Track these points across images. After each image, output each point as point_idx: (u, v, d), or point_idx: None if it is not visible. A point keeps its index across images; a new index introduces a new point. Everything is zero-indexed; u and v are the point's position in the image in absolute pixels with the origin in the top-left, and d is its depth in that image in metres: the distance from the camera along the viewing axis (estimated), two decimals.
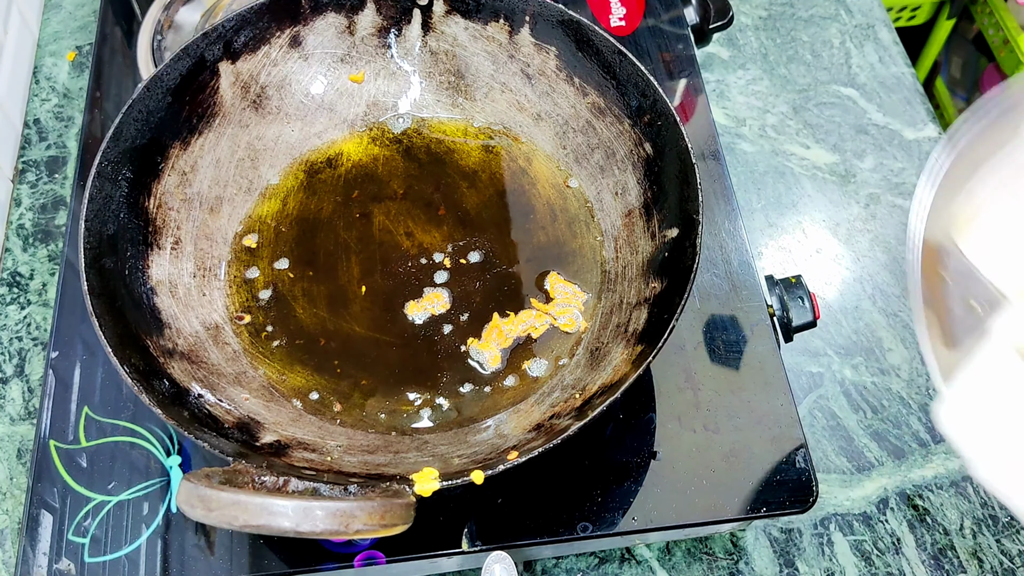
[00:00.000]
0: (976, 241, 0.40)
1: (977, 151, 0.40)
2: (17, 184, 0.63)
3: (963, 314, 0.39)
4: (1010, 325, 0.39)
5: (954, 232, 0.39)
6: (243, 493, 0.34)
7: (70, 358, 0.51)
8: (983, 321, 0.39)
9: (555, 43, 0.54)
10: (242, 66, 0.53)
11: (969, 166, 0.40)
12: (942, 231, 0.39)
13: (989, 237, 0.40)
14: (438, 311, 0.51)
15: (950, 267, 0.39)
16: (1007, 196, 0.40)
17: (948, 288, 0.39)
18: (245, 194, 0.54)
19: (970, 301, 0.39)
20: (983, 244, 0.40)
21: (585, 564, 0.51)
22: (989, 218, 0.40)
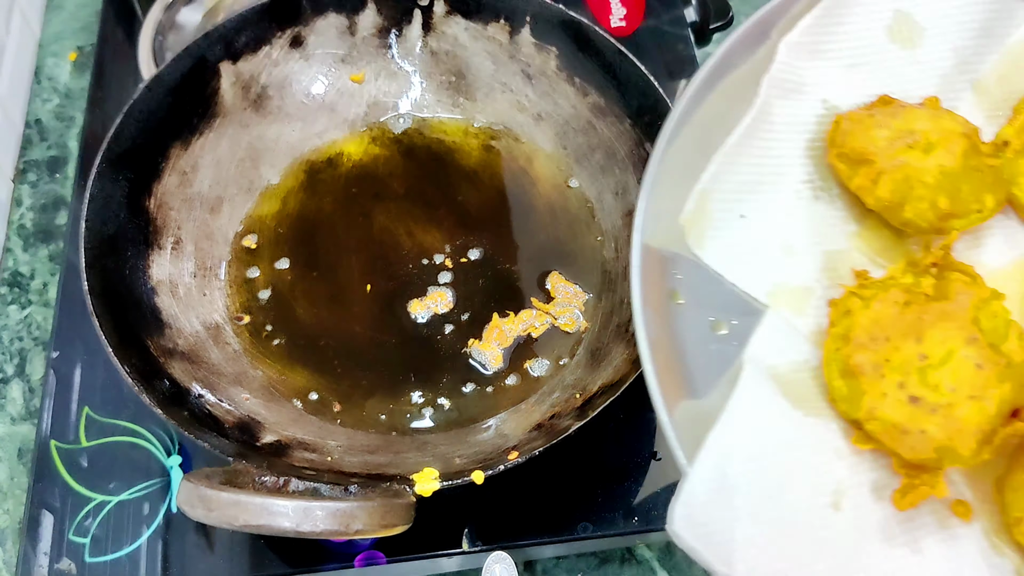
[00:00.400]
0: (720, 245, 0.35)
1: (701, 136, 0.36)
2: (18, 184, 0.64)
3: (706, 344, 0.34)
4: (769, 343, 0.34)
5: (692, 240, 0.34)
6: (243, 493, 0.34)
7: (71, 358, 0.51)
8: (734, 347, 0.33)
9: (556, 43, 0.54)
10: (243, 66, 0.53)
11: (703, 147, 0.35)
12: (674, 239, 0.34)
13: (736, 236, 0.35)
14: (441, 310, 0.51)
15: (687, 285, 0.34)
16: (751, 181, 0.36)
17: (683, 312, 0.34)
18: (246, 194, 0.54)
19: (715, 321, 0.34)
20: (729, 246, 0.35)
21: (586, 564, 0.51)
22: (732, 214, 0.35)
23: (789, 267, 0.35)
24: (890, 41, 0.38)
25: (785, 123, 0.37)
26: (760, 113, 0.36)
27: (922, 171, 0.34)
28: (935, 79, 0.39)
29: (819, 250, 0.36)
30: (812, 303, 0.35)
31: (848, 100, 0.38)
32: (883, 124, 0.36)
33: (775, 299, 0.35)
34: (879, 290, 0.33)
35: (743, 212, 0.35)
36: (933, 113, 0.36)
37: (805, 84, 0.38)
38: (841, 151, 0.36)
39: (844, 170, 0.36)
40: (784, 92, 0.37)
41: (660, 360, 0.32)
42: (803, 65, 0.37)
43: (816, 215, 0.37)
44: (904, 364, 0.30)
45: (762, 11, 0.37)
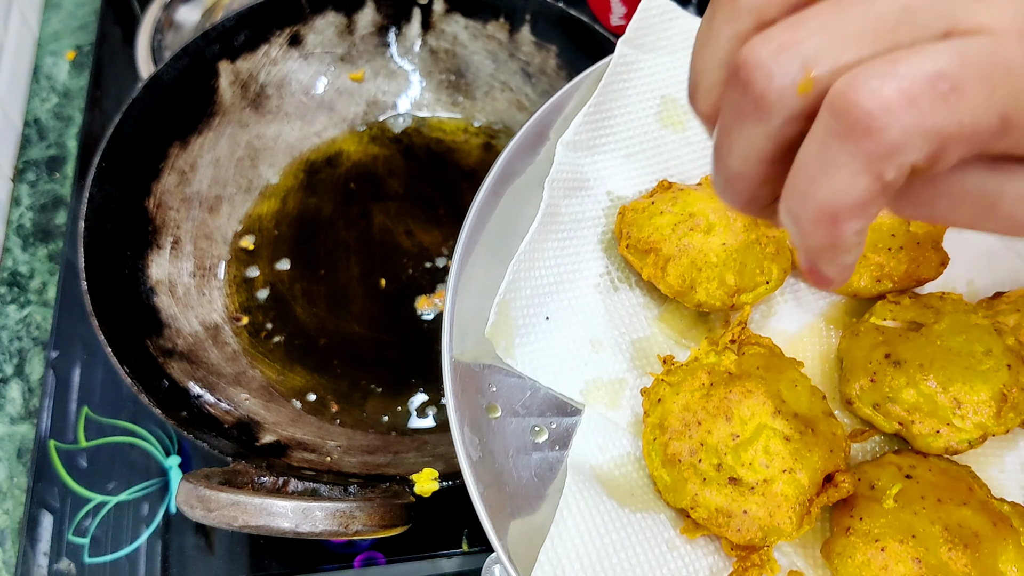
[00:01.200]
0: (530, 350, 0.35)
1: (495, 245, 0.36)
2: (17, 183, 0.63)
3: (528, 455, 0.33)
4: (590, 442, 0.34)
5: (501, 351, 0.34)
6: (242, 494, 0.34)
7: (70, 358, 0.51)
8: (556, 452, 0.33)
9: (555, 42, 0.54)
10: (241, 65, 0.53)
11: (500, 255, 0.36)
12: (484, 353, 0.34)
13: (544, 339, 0.35)
14: (443, 309, 0.51)
15: (503, 395, 0.34)
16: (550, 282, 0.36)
17: (502, 426, 0.33)
18: (245, 193, 0.54)
19: (535, 427, 0.34)
20: (538, 350, 0.35)
21: None
22: (537, 317, 0.35)
23: (599, 362, 0.36)
24: (661, 127, 0.39)
25: (574, 220, 0.38)
26: (547, 215, 0.36)
27: (706, 252, 0.35)
28: (709, 157, 0.39)
29: (627, 340, 0.36)
30: (626, 395, 0.35)
31: (631, 188, 0.39)
32: (664, 211, 0.36)
33: (590, 396, 0.35)
34: (686, 374, 0.33)
35: (547, 314, 0.36)
36: (711, 194, 0.37)
37: (588, 179, 0.38)
38: (629, 242, 0.37)
39: (635, 261, 0.37)
40: (568, 191, 0.38)
41: (485, 481, 0.31)
42: (583, 162, 0.38)
43: (618, 306, 0.37)
44: (718, 446, 0.31)
45: (537, 115, 0.38)
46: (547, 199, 0.36)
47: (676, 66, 0.40)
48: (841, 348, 0.36)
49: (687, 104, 0.37)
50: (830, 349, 0.37)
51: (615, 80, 0.39)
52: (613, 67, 0.39)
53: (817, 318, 0.38)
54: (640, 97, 0.39)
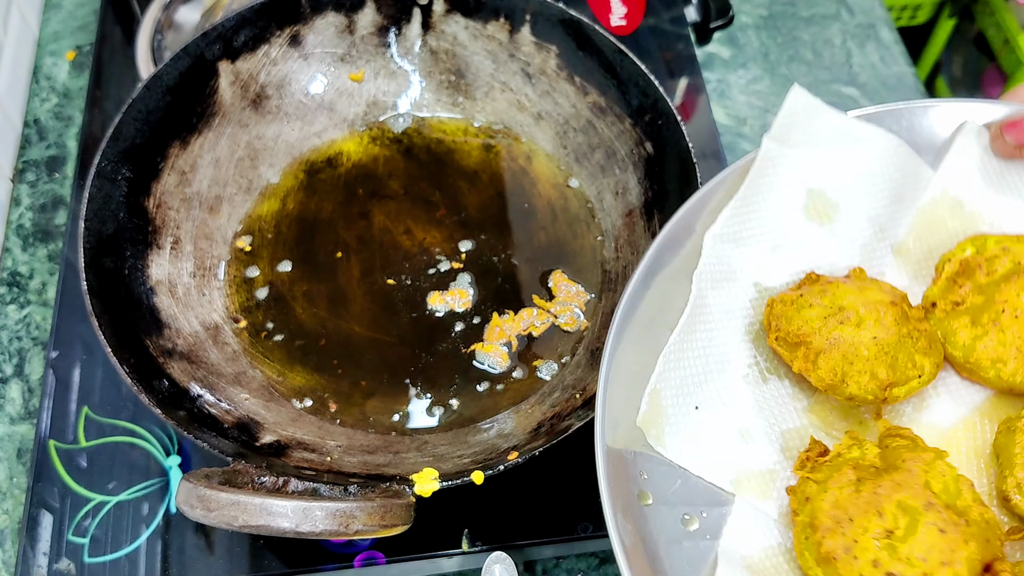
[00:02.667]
0: (680, 439, 0.35)
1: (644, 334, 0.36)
2: (17, 184, 0.63)
3: (680, 543, 0.33)
4: (741, 532, 0.34)
5: (652, 439, 0.35)
6: (243, 493, 0.34)
7: (70, 358, 0.51)
8: (707, 541, 0.33)
9: (556, 42, 0.54)
10: (242, 65, 0.53)
11: (650, 345, 0.36)
12: (634, 441, 0.35)
13: (694, 428, 0.36)
14: (459, 308, 0.51)
15: (653, 483, 0.34)
16: (699, 373, 0.37)
17: (654, 513, 0.34)
18: (245, 194, 0.54)
19: (686, 516, 0.34)
20: (688, 439, 0.35)
21: (586, 564, 0.51)
22: (686, 407, 0.36)
23: (749, 453, 0.36)
24: (807, 220, 0.40)
25: (722, 311, 0.38)
26: (696, 307, 0.37)
27: (857, 346, 0.35)
28: (857, 249, 0.40)
29: (776, 431, 0.37)
30: (777, 486, 0.36)
31: (778, 280, 0.39)
32: (813, 303, 0.37)
33: (740, 487, 0.35)
34: (831, 471, 0.34)
35: (697, 403, 0.36)
36: (860, 285, 0.37)
37: (735, 271, 0.39)
38: (778, 334, 0.37)
39: (784, 353, 0.37)
40: (715, 282, 0.38)
41: (637, 568, 0.31)
42: (730, 253, 0.39)
43: (767, 396, 0.38)
44: (873, 542, 0.31)
45: (684, 208, 0.38)
46: (696, 291, 0.37)
47: (822, 160, 0.40)
48: (997, 443, 0.35)
49: (834, 196, 0.40)
50: (985, 444, 0.37)
51: (761, 174, 0.39)
52: (759, 162, 0.39)
53: (972, 412, 0.37)
54: (786, 190, 0.40)
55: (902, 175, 0.40)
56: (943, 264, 0.39)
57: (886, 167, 0.40)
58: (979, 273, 0.37)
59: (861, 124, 0.39)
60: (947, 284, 0.38)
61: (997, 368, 0.36)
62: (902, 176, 0.40)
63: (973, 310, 0.37)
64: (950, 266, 0.38)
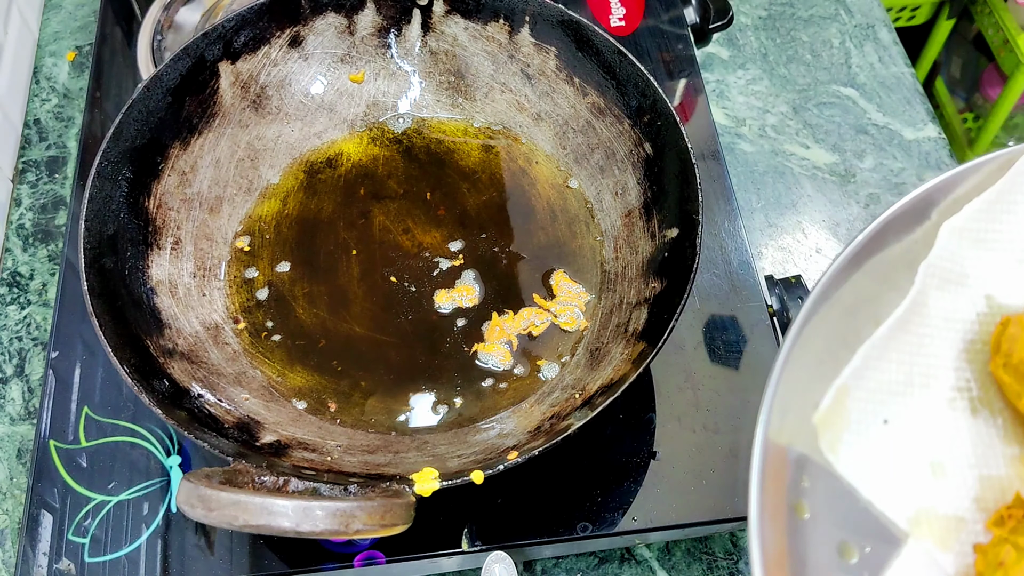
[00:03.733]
0: (857, 453, 0.30)
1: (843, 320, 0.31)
2: (17, 184, 0.63)
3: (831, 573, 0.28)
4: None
5: (825, 443, 0.30)
6: (243, 493, 0.34)
7: (70, 358, 0.51)
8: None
9: (555, 43, 0.54)
10: (242, 66, 0.53)
11: (843, 335, 0.31)
12: (803, 438, 0.30)
13: (877, 445, 0.31)
14: (467, 304, 0.51)
15: (815, 496, 0.29)
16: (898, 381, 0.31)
17: (808, 530, 0.29)
18: (245, 194, 0.54)
19: (844, 544, 0.29)
20: (868, 456, 0.30)
21: (585, 564, 0.51)
22: (874, 417, 0.31)
23: (937, 490, 0.31)
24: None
25: (942, 318, 0.33)
26: (914, 304, 0.32)
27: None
28: None
29: (975, 474, 0.31)
30: (961, 538, 0.30)
31: (1017, 299, 0.34)
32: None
33: (918, 527, 0.30)
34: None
35: (887, 417, 0.31)
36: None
37: (967, 276, 0.33)
38: (1008, 361, 0.31)
39: (1011, 384, 0.31)
40: (943, 282, 0.33)
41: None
42: (967, 255, 0.33)
43: (973, 431, 0.32)
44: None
45: (923, 188, 0.33)
46: (918, 286, 0.32)
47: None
48: None
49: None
50: None
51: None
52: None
53: None
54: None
55: None
56: None
57: None
58: None
59: None
60: None
61: None
62: None
63: None
64: None
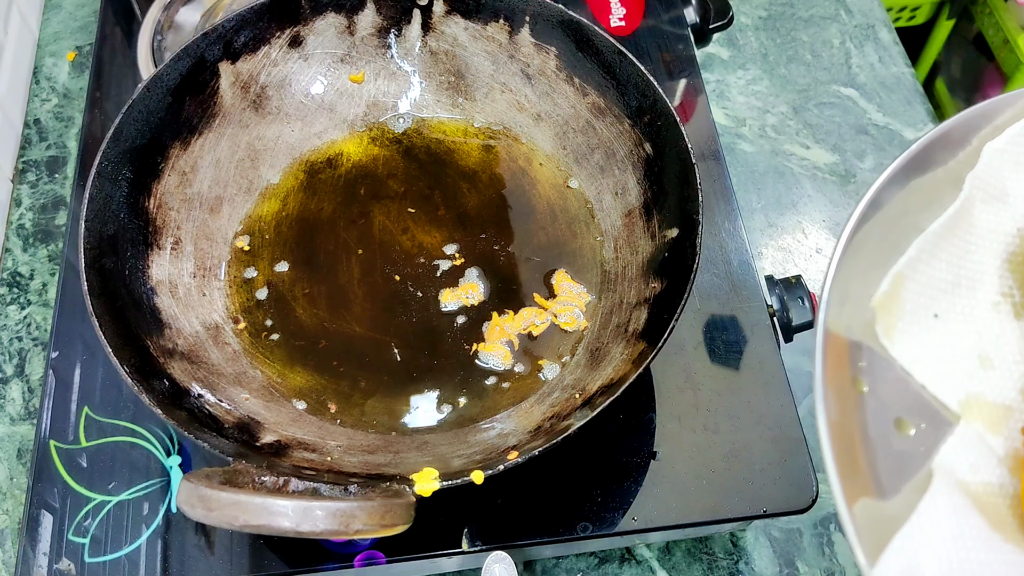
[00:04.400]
0: (911, 340, 0.32)
1: (902, 218, 0.33)
2: (17, 184, 0.63)
3: (890, 443, 0.30)
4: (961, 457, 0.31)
5: (880, 328, 0.32)
6: (243, 493, 0.34)
7: (70, 358, 0.51)
8: (920, 452, 0.31)
9: (555, 43, 0.54)
10: (242, 66, 0.53)
11: (892, 238, 0.33)
12: (859, 326, 0.32)
13: (928, 335, 0.33)
14: (474, 301, 0.51)
15: (872, 375, 0.31)
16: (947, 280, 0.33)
17: (867, 408, 0.31)
18: (245, 194, 0.54)
19: (900, 419, 0.31)
20: (920, 344, 0.32)
21: (585, 564, 0.51)
22: (925, 310, 0.33)
23: (986, 380, 0.33)
24: None
25: (986, 229, 0.35)
26: (962, 209, 0.34)
27: None
28: None
29: (1020, 369, 0.33)
30: (1010, 424, 0.32)
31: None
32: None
33: (969, 411, 0.32)
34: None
35: (937, 311, 0.33)
36: None
37: (1008, 194, 0.35)
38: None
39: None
40: (987, 196, 0.35)
41: (839, 449, 0.29)
42: (1008, 175, 0.35)
43: (1017, 332, 0.34)
44: None
45: (965, 113, 0.35)
46: (966, 193, 0.34)
47: None
48: None
49: None
50: None
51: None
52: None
53: None
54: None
55: None
56: None
57: None
58: None
59: None
60: None
61: None
62: None
63: None
64: None
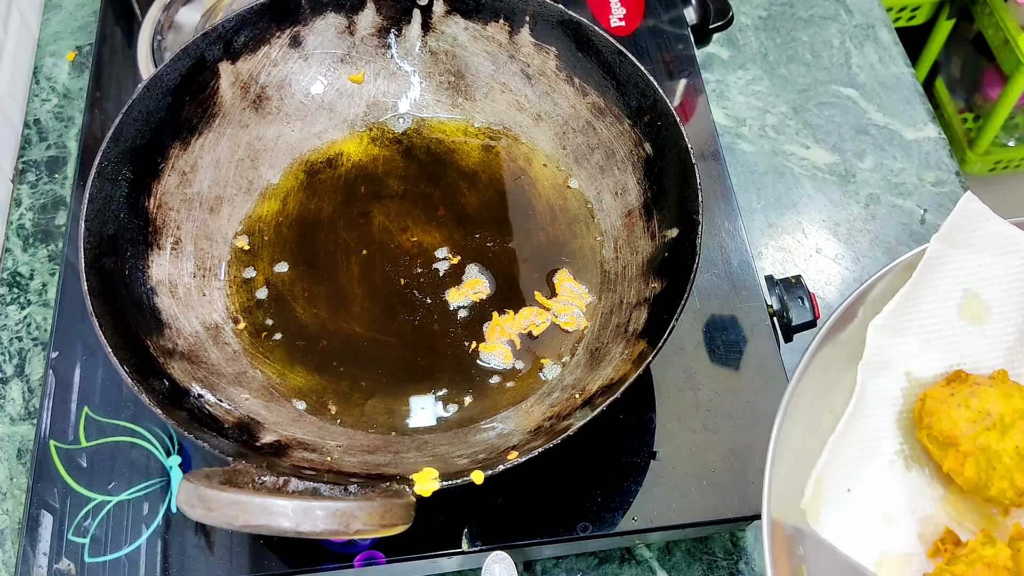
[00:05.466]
0: (833, 517, 0.39)
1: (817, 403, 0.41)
2: (17, 184, 0.63)
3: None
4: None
5: (809, 518, 0.39)
6: (243, 493, 0.34)
7: (70, 358, 0.51)
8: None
9: (555, 43, 0.54)
10: (242, 66, 0.53)
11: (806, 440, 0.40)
12: (792, 515, 0.39)
13: (845, 508, 0.40)
14: (483, 296, 0.51)
15: (810, 560, 0.39)
16: (854, 456, 0.40)
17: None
18: (245, 194, 0.54)
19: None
20: (840, 518, 0.39)
21: (585, 564, 0.51)
22: (840, 488, 0.40)
23: (891, 536, 0.39)
24: (960, 318, 0.43)
25: (877, 399, 0.42)
26: (859, 397, 0.40)
27: (1000, 453, 0.38)
28: (1002, 352, 0.43)
29: (914, 517, 0.40)
30: (912, 568, 0.39)
31: (927, 372, 0.43)
32: (963, 404, 0.39)
33: (882, 568, 0.38)
34: (966, 565, 0.36)
35: (849, 486, 0.40)
36: (1005, 391, 0.40)
37: (891, 360, 0.42)
38: (929, 432, 0.40)
39: (934, 451, 0.40)
40: (875, 371, 0.41)
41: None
42: (888, 343, 0.42)
43: (909, 484, 0.41)
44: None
45: (852, 295, 0.43)
46: (860, 382, 0.40)
47: (982, 263, 0.43)
48: None
49: (987, 299, 0.44)
50: None
51: (926, 271, 0.43)
52: (926, 260, 0.43)
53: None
54: (945, 288, 0.43)
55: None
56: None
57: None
58: None
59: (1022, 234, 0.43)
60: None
61: None
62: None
63: None
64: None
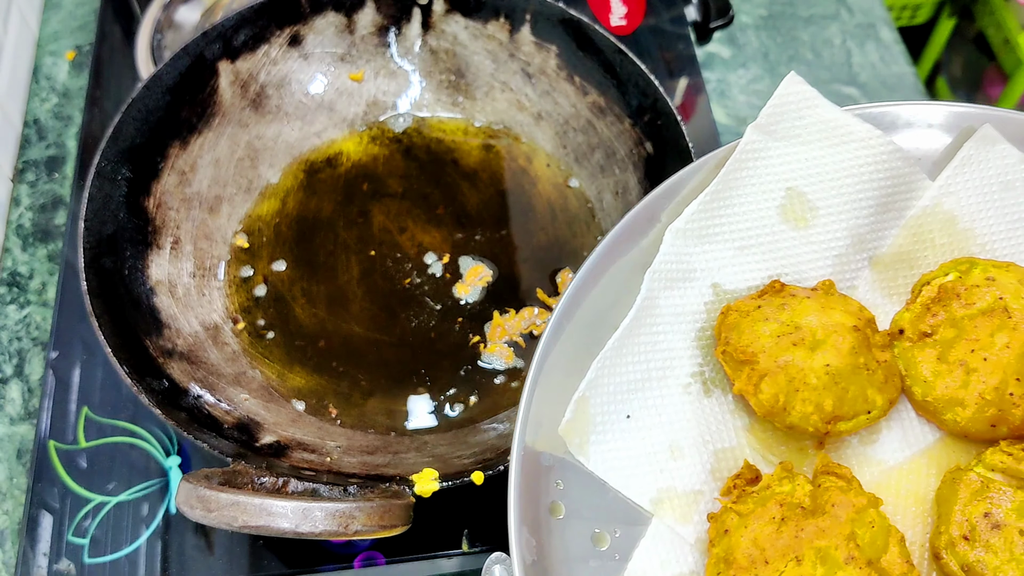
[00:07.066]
0: (605, 448, 0.33)
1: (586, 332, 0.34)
2: (17, 184, 0.63)
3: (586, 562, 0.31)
4: (653, 556, 0.32)
5: (573, 448, 0.32)
6: (242, 494, 0.34)
7: (70, 358, 0.51)
8: (615, 561, 0.32)
9: (556, 42, 0.54)
10: (241, 65, 0.53)
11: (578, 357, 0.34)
12: (554, 445, 0.32)
13: (622, 438, 0.34)
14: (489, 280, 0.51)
15: (569, 495, 0.32)
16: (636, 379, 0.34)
17: (564, 528, 0.31)
18: (245, 194, 0.54)
19: (597, 533, 0.32)
20: (614, 449, 0.33)
21: None
22: (617, 414, 0.34)
23: (676, 470, 0.33)
24: (782, 221, 0.37)
25: (673, 314, 0.35)
26: (643, 308, 0.34)
27: (806, 372, 0.32)
28: (830, 259, 0.37)
29: (709, 449, 0.34)
30: (700, 508, 0.33)
31: (739, 283, 0.36)
32: (770, 317, 0.33)
33: (660, 507, 0.33)
34: (756, 504, 0.31)
35: (629, 412, 0.34)
36: (824, 303, 0.34)
37: (694, 270, 0.36)
38: (727, 348, 0.34)
39: (729, 370, 0.34)
40: (670, 282, 0.35)
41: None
42: (692, 251, 0.36)
43: (706, 411, 0.35)
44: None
45: (650, 196, 0.36)
46: (645, 291, 0.34)
47: (808, 157, 0.37)
48: (939, 494, 0.32)
49: (814, 198, 0.36)
50: (928, 490, 0.33)
51: (739, 167, 0.36)
52: (739, 152, 0.36)
53: (920, 453, 0.34)
54: (763, 186, 0.36)
55: (893, 182, 0.36)
56: (920, 287, 0.35)
57: (877, 172, 0.36)
58: (956, 303, 0.34)
59: (856, 122, 0.36)
60: (920, 310, 0.35)
61: (955, 412, 0.33)
62: (893, 183, 0.36)
63: (942, 344, 0.33)
64: (927, 290, 0.35)
